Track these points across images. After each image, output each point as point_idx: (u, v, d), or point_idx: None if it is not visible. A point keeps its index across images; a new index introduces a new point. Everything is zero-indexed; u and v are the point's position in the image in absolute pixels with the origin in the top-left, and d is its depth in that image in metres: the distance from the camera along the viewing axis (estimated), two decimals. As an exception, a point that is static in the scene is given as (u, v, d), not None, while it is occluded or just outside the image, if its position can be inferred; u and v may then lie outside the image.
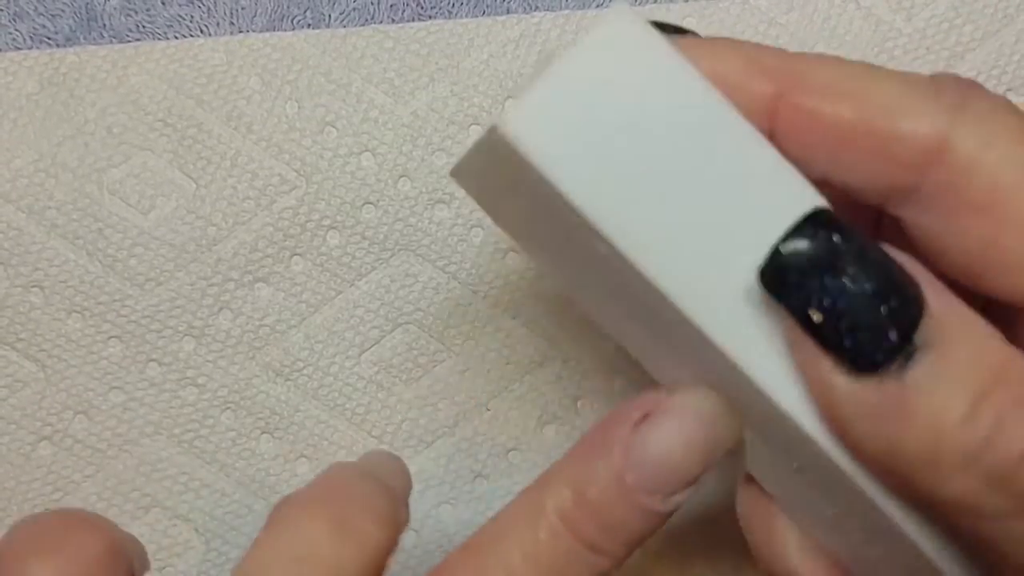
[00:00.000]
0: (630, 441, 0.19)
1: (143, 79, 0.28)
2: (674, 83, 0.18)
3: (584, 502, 0.19)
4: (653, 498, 0.19)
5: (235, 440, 0.28)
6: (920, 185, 0.18)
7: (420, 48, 0.29)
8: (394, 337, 0.29)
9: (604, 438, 0.20)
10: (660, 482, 0.19)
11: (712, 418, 0.19)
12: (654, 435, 0.19)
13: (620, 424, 0.19)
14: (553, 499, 0.19)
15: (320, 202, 0.29)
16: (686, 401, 0.20)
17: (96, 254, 0.28)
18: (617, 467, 0.19)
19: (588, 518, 0.19)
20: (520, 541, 0.19)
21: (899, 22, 0.29)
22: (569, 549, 0.19)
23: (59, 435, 0.28)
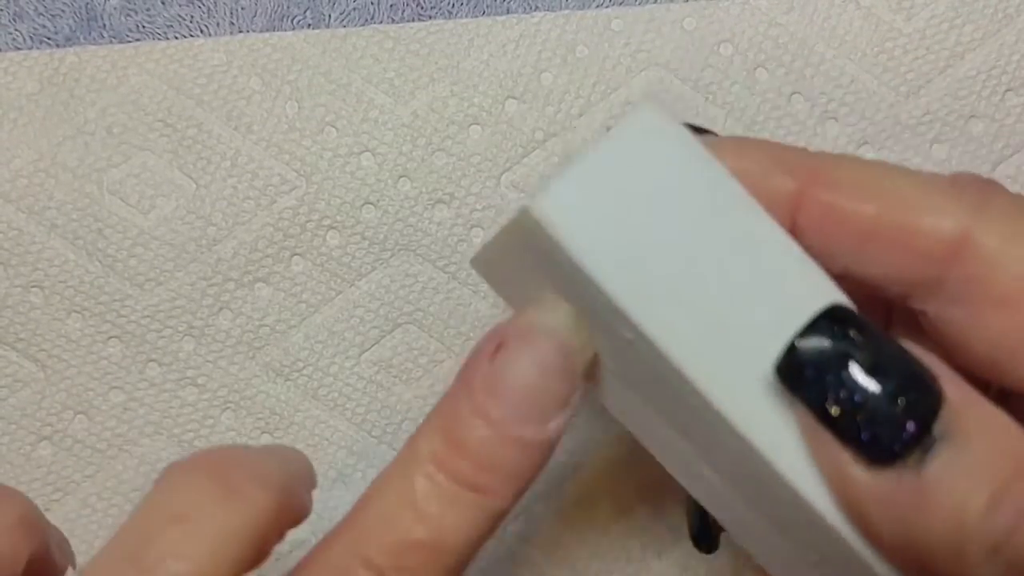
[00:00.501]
0: (488, 374, 0.19)
1: (143, 79, 0.29)
2: (701, 176, 0.19)
3: (455, 443, 0.19)
4: (526, 428, 0.19)
5: (235, 440, 0.28)
6: (943, 279, 0.19)
7: (420, 48, 0.29)
8: (394, 337, 0.29)
9: (464, 377, 0.19)
10: (526, 410, 0.19)
11: (561, 332, 0.19)
12: (509, 363, 0.19)
13: (478, 359, 0.19)
14: (425, 445, 0.19)
15: (320, 202, 0.29)
16: (531, 321, 0.19)
17: (96, 254, 0.28)
18: (481, 403, 0.19)
19: (462, 459, 0.19)
20: (397, 492, 0.19)
21: (899, 22, 0.29)
22: (448, 493, 0.19)
23: (59, 435, 0.28)
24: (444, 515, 0.19)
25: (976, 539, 0.17)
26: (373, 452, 0.29)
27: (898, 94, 0.29)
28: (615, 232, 0.18)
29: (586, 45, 0.29)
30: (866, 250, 0.19)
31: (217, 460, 0.20)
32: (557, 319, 0.19)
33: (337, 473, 0.29)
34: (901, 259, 0.19)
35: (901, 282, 0.19)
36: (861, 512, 0.18)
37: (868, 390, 0.17)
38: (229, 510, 0.19)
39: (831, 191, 0.19)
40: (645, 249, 0.18)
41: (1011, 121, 0.29)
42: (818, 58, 0.29)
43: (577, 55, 0.29)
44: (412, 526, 0.19)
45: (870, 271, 0.19)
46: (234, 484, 0.20)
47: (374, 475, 0.28)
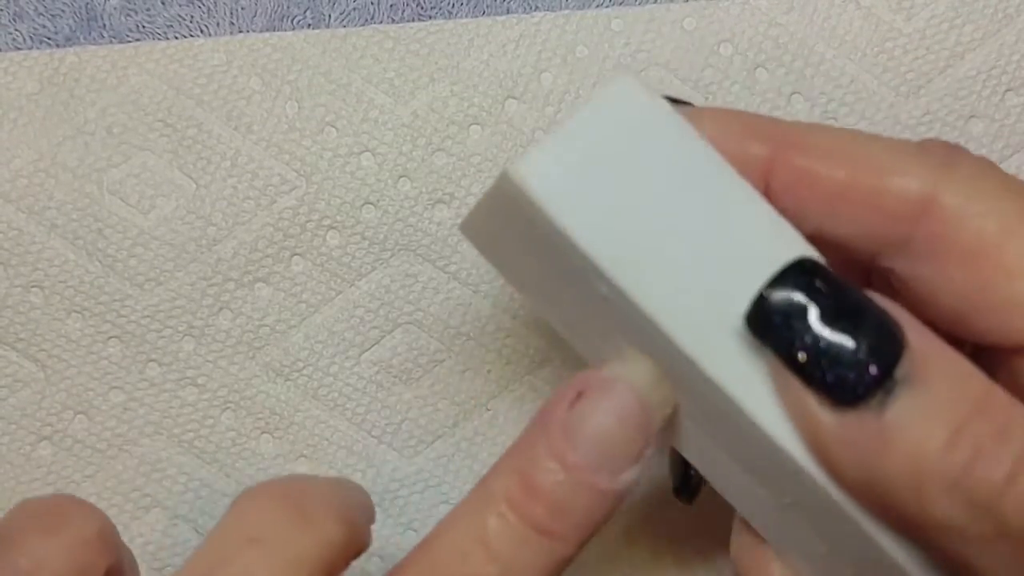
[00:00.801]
0: (567, 421, 0.19)
1: (143, 79, 0.29)
2: (675, 141, 0.19)
3: (529, 486, 0.19)
4: (600, 476, 0.19)
5: (235, 440, 0.28)
6: (910, 238, 0.20)
7: (420, 48, 0.29)
8: (394, 337, 0.29)
9: (543, 421, 0.20)
10: (602, 458, 0.19)
11: (642, 387, 0.20)
12: (588, 411, 0.19)
13: (557, 405, 0.20)
14: (500, 485, 0.20)
15: (320, 202, 0.29)
16: (615, 373, 0.20)
17: (96, 254, 0.28)
18: (558, 448, 0.19)
19: (535, 502, 0.19)
20: (470, 529, 0.19)
21: (899, 22, 0.29)
22: (520, 534, 0.19)
23: (59, 435, 0.28)
24: (515, 556, 0.19)
25: (934, 477, 0.17)
26: (373, 452, 0.29)
27: (898, 94, 0.29)
28: (591, 193, 0.19)
29: (586, 45, 0.29)
30: (837, 211, 0.20)
31: (290, 488, 0.21)
32: (639, 373, 0.20)
33: (337, 473, 0.29)
34: (870, 219, 0.20)
35: (871, 241, 0.20)
36: (826, 453, 0.18)
37: (831, 337, 0.18)
38: (303, 536, 0.20)
39: (803, 156, 0.20)
40: (620, 209, 0.19)
41: (1011, 121, 0.29)
42: (818, 58, 0.29)
43: (577, 55, 0.29)
44: (484, 564, 0.19)
45: (841, 231, 0.20)
46: (308, 512, 0.20)
47: (374, 475, 0.29)
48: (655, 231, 0.19)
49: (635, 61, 0.29)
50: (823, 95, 0.29)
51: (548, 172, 0.19)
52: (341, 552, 0.20)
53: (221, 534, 0.20)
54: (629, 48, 0.29)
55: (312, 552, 0.20)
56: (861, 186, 0.20)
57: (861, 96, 0.29)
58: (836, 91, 0.29)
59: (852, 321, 0.18)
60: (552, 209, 0.19)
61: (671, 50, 0.29)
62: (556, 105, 0.29)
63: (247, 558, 0.19)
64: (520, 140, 0.29)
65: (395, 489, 0.29)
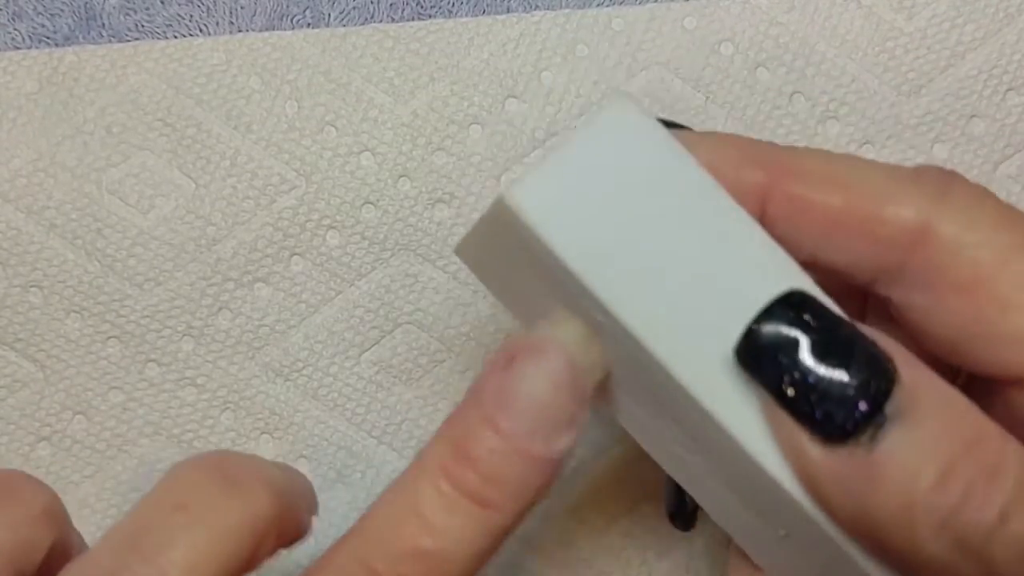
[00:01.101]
0: (499, 387, 0.19)
1: (142, 79, 0.28)
2: (670, 166, 0.19)
3: (463, 454, 0.19)
4: (534, 443, 0.19)
5: (235, 440, 0.28)
6: (905, 266, 0.19)
7: (420, 47, 0.29)
8: (394, 337, 0.29)
9: (477, 388, 0.20)
10: (536, 424, 0.19)
11: (573, 349, 0.19)
12: (519, 376, 0.19)
13: (490, 372, 0.19)
14: (434, 455, 0.19)
15: (320, 202, 0.28)
16: (545, 335, 0.20)
17: (95, 254, 0.28)
18: (490, 415, 0.19)
19: (469, 470, 0.19)
20: (405, 500, 0.19)
21: (900, 21, 0.29)
22: (454, 504, 0.19)
23: (58, 435, 0.28)
24: (449, 526, 0.19)
25: (925, 515, 0.17)
26: (373, 452, 0.29)
27: (899, 93, 0.29)
28: (586, 218, 0.19)
29: (586, 44, 0.29)
30: (832, 238, 0.20)
31: (224, 459, 0.21)
32: (569, 334, 0.20)
33: (337, 473, 0.29)
34: (865, 247, 0.20)
35: (866, 269, 0.20)
36: (817, 488, 0.18)
37: (820, 372, 0.18)
38: (230, 502, 0.19)
39: (799, 183, 0.20)
40: (615, 235, 0.19)
41: (1012, 121, 0.29)
42: (819, 57, 0.29)
43: (577, 54, 0.29)
44: (417, 535, 0.19)
45: (836, 258, 0.20)
46: (236, 478, 0.20)
47: (374, 475, 0.29)
48: (650, 258, 0.19)
49: (635, 60, 0.29)
50: (824, 94, 0.29)
51: (543, 197, 0.19)
52: (271, 525, 0.20)
53: (148, 501, 0.20)
54: (629, 47, 0.29)
55: (239, 520, 0.19)
56: (856, 214, 0.20)
57: (862, 95, 0.29)
58: (837, 90, 0.29)
59: (842, 356, 0.18)
60: (546, 235, 0.18)
61: (671, 49, 0.29)
62: (556, 105, 0.29)
63: (171, 524, 0.19)
64: (520, 140, 0.29)
65: (395, 489, 0.29)
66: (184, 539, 0.19)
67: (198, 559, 0.19)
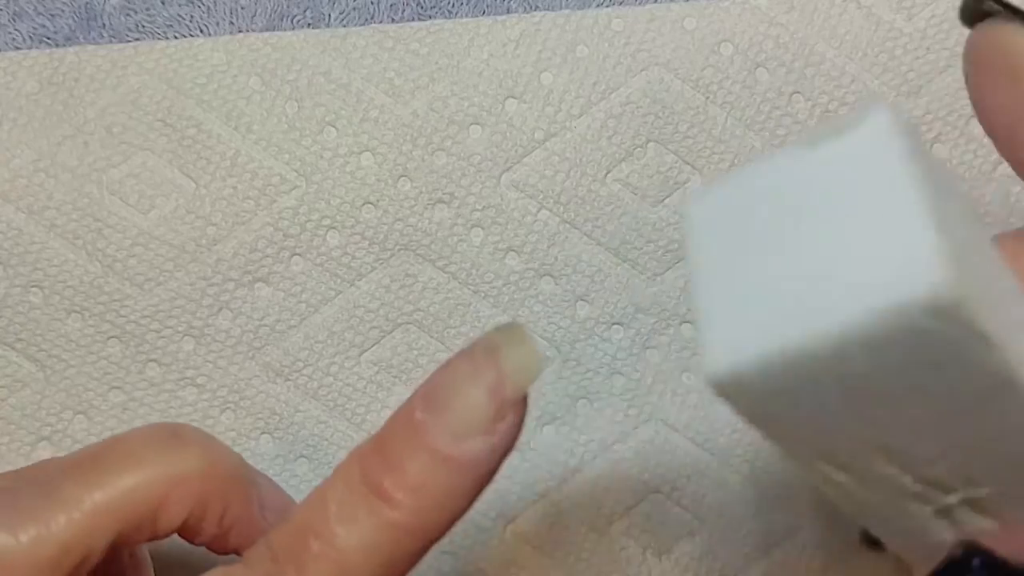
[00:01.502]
0: (428, 382, 0.19)
1: (143, 79, 0.28)
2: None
3: (379, 443, 0.19)
4: (441, 438, 0.18)
5: (235, 440, 0.28)
6: None
7: (420, 48, 0.29)
8: (394, 337, 0.29)
9: (418, 388, 0.19)
10: (449, 421, 0.18)
11: (506, 352, 0.18)
12: (447, 370, 0.19)
13: (434, 372, 0.19)
14: (363, 443, 0.19)
15: (320, 202, 0.29)
16: (487, 339, 0.19)
17: (96, 254, 0.28)
18: (412, 406, 0.18)
19: (377, 458, 0.18)
20: (327, 487, 0.19)
21: (900, 22, 0.29)
22: (355, 492, 0.18)
23: (59, 435, 0.28)
24: (349, 518, 0.18)
25: None
26: (373, 452, 0.29)
27: (899, 93, 0.29)
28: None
29: (586, 45, 0.29)
30: None
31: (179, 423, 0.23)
32: (511, 344, 0.19)
33: (337, 473, 0.29)
34: None
35: None
36: None
37: None
38: (164, 446, 0.21)
39: None
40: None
41: (1012, 121, 0.29)
42: (819, 58, 0.29)
43: (577, 55, 0.29)
44: (316, 521, 0.18)
45: None
46: (179, 434, 0.21)
47: (374, 475, 0.29)
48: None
49: (635, 61, 0.29)
50: (824, 95, 0.29)
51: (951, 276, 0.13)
52: (190, 482, 0.21)
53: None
54: (629, 48, 0.29)
55: (163, 461, 0.21)
56: None
57: (862, 96, 0.29)
58: (837, 91, 0.29)
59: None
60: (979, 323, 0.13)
61: (671, 50, 0.29)
62: (556, 105, 0.29)
63: (103, 448, 0.21)
64: (520, 140, 0.29)
65: (395, 489, 0.29)
66: (105, 463, 0.20)
67: (107, 480, 0.20)
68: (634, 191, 0.29)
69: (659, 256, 0.29)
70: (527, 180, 0.29)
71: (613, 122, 0.29)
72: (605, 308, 0.29)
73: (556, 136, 0.29)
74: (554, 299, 0.29)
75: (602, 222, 0.29)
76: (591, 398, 0.29)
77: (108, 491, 0.20)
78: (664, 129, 0.29)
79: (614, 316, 0.29)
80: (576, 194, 0.29)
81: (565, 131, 0.29)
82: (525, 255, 0.29)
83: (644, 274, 0.29)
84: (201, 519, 0.21)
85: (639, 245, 0.29)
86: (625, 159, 0.29)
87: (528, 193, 0.29)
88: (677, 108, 0.29)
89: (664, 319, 0.29)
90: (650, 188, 0.29)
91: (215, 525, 0.22)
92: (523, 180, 0.29)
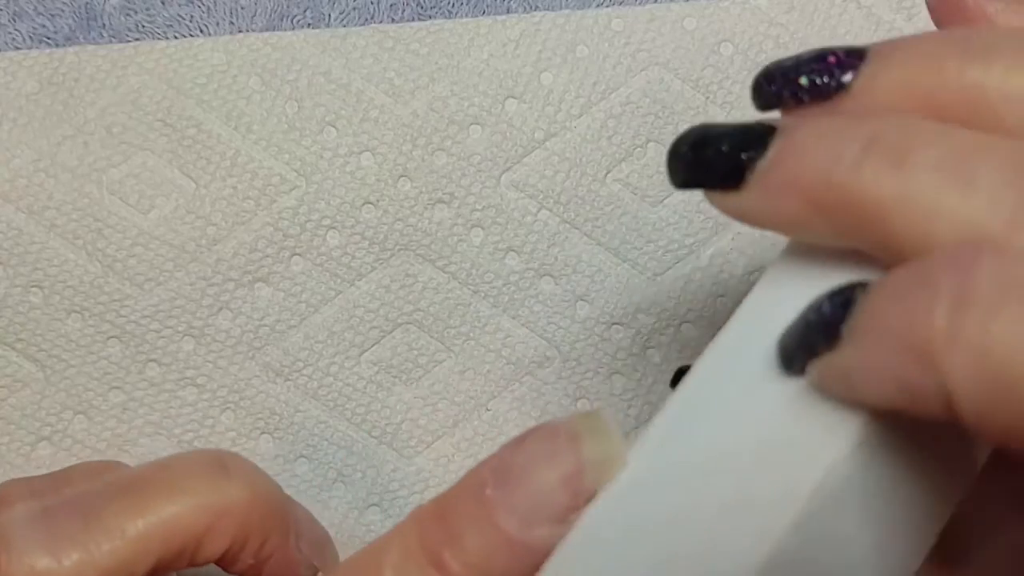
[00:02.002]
0: (501, 459, 0.18)
1: (143, 79, 0.28)
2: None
3: (441, 511, 0.18)
4: (509, 520, 0.17)
5: (235, 440, 0.28)
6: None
7: (420, 48, 0.29)
8: (394, 337, 0.29)
9: (486, 458, 0.18)
10: (519, 503, 0.17)
11: (592, 451, 0.18)
12: (520, 452, 0.18)
13: (505, 444, 0.18)
14: (418, 509, 0.18)
15: (320, 202, 0.29)
16: (569, 425, 0.18)
17: (96, 254, 0.28)
18: (482, 479, 0.18)
19: (439, 526, 0.18)
20: (376, 546, 0.18)
21: (899, 22, 0.29)
22: (412, 560, 0.18)
23: (59, 435, 0.28)
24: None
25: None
26: (373, 452, 0.29)
27: (898, 94, 0.29)
28: None
29: (586, 45, 0.29)
30: None
31: (224, 451, 0.23)
32: (589, 427, 0.18)
33: (337, 473, 0.29)
34: None
35: None
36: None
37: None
38: (210, 477, 0.21)
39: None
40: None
41: (1012, 121, 0.29)
42: (818, 58, 0.29)
43: (577, 55, 0.29)
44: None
45: None
46: (226, 466, 0.22)
47: (374, 475, 0.29)
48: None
49: (635, 61, 0.29)
50: (823, 95, 0.29)
51: None
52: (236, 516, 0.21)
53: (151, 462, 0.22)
54: (629, 48, 0.29)
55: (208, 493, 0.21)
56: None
57: (861, 96, 0.29)
58: (836, 91, 0.29)
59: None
60: None
61: (671, 50, 0.29)
62: (556, 105, 0.29)
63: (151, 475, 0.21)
64: (520, 140, 0.29)
65: (395, 489, 0.29)
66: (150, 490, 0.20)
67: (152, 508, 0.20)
68: (634, 191, 0.29)
69: (659, 256, 0.29)
70: (527, 180, 0.29)
71: (613, 122, 0.29)
72: (605, 308, 0.29)
73: (556, 136, 0.29)
74: (554, 299, 0.29)
75: (602, 222, 0.29)
76: (591, 398, 0.29)
77: (153, 520, 0.21)
78: (664, 129, 0.29)
79: (614, 316, 0.29)
80: (576, 194, 0.29)
81: (565, 131, 0.29)
82: (525, 255, 0.29)
83: (644, 274, 0.29)
84: (240, 549, 0.22)
85: (639, 245, 0.29)
86: (625, 159, 0.29)
87: (528, 193, 0.29)
88: (677, 108, 0.29)
89: (664, 319, 0.29)
90: (650, 188, 0.29)
91: (252, 555, 0.22)
92: (523, 180, 0.29)
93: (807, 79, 0.18)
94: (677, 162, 0.18)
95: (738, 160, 0.17)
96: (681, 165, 0.18)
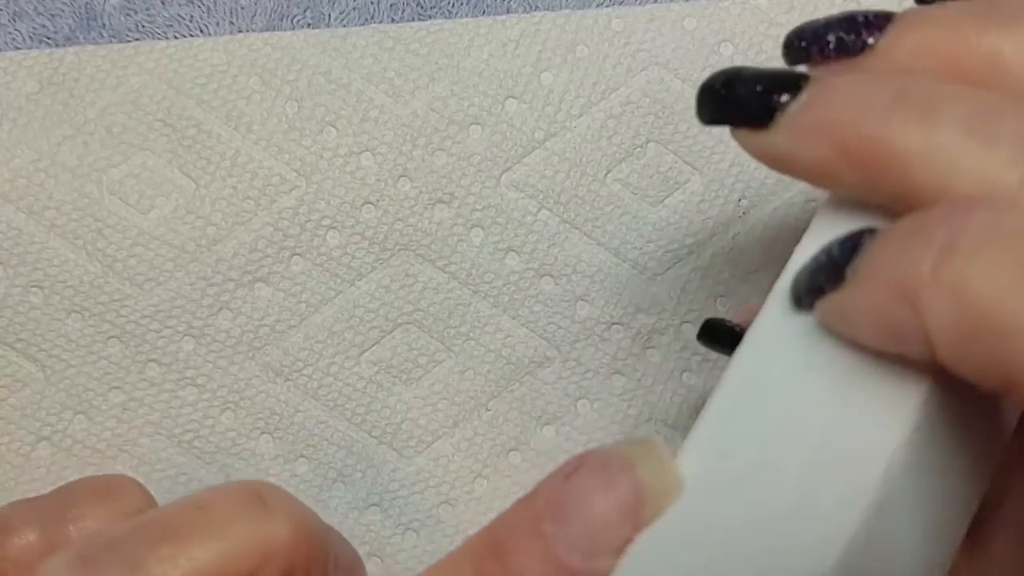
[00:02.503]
0: (555, 490, 0.18)
1: (143, 79, 0.28)
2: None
3: (496, 547, 0.18)
4: (571, 554, 0.17)
5: (235, 440, 0.28)
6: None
7: (420, 48, 0.29)
8: (394, 337, 0.29)
9: (535, 489, 0.18)
10: (580, 536, 0.17)
11: (646, 480, 0.18)
12: (577, 485, 0.18)
13: (554, 477, 0.18)
14: (472, 544, 0.18)
15: (320, 202, 0.29)
16: (622, 454, 0.18)
17: (96, 254, 0.28)
18: (537, 513, 0.18)
19: (495, 564, 0.18)
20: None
21: (899, 22, 0.29)
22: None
23: (59, 435, 0.28)
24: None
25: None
26: (373, 452, 0.29)
27: (899, 94, 0.29)
28: None
29: (586, 45, 0.29)
30: None
31: (262, 483, 0.22)
32: (644, 457, 0.18)
33: (337, 473, 0.29)
34: None
35: None
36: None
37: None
38: (250, 516, 0.20)
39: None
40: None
41: (1012, 121, 0.29)
42: (818, 58, 0.29)
43: (577, 55, 0.29)
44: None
45: None
46: (265, 500, 0.21)
47: (374, 475, 0.29)
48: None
49: (635, 61, 0.29)
50: (823, 95, 0.29)
51: None
52: (282, 555, 0.20)
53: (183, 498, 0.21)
54: (629, 48, 0.29)
55: (250, 534, 0.20)
56: None
57: (861, 96, 0.29)
58: (836, 91, 0.29)
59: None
60: None
61: (671, 50, 0.29)
62: (556, 105, 0.29)
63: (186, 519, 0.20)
64: (520, 140, 0.29)
65: (395, 489, 0.29)
66: (193, 535, 0.19)
67: (196, 554, 0.19)
68: (634, 191, 0.29)
69: (659, 256, 0.29)
70: (527, 180, 0.29)
71: (613, 122, 0.29)
72: (605, 308, 0.29)
73: (556, 136, 0.29)
74: (554, 299, 0.29)
75: (602, 222, 0.29)
76: (591, 398, 0.29)
77: (197, 566, 0.20)
78: (664, 129, 0.29)
79: (614, 316, 0.29)
80: (576, 194, 0.29)
81: (565, 131, 0.29)
82: (525, 255, 0.29)
83: (644, 274, 0.29)
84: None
85: (639, 245, 0.29)
86: (625, 159, 0.29)
87: (528, 193, 0.29)
88: (677, 108, 0.29)
89: (664, 319, 0.29)
90: (650, 188, 0.29)
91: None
92: (523, 180, 0.29)
93: (835, 37, 0.18)
94: (709, 98, 0.19)
95: (770, 100, 0.18)
96: (712, 101, 0.19)
